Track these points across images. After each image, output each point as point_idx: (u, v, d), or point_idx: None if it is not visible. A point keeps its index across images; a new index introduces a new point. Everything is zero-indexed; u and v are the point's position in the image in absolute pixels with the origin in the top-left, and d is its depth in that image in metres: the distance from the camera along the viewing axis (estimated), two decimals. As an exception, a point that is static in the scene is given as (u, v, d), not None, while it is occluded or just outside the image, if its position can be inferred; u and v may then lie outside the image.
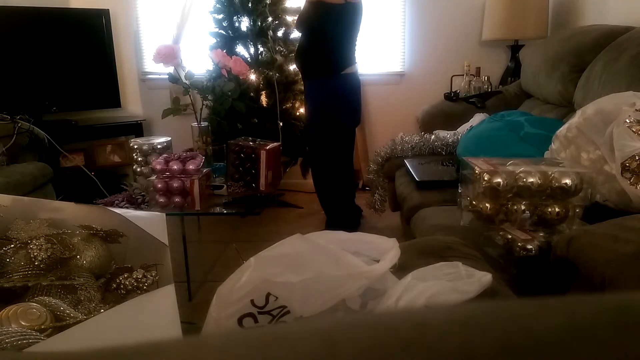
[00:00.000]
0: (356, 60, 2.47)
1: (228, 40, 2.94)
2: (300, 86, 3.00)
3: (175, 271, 0.75)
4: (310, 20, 2.35)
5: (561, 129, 1.40)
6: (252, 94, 2.91)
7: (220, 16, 2.93)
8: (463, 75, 3.11)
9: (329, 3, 2.25)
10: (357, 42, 2.47)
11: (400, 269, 0.70)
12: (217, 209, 1.77)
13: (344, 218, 2.61)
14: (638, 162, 1.11)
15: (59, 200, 1.90)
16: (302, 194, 3.26)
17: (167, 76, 2.22)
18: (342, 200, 2.61)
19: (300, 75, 2.70)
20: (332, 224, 2.63)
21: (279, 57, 2.92)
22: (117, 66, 3.31)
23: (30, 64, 3.06)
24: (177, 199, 1.68)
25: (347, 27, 2.37)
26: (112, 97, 3.30)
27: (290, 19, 2.99)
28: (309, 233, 0.69)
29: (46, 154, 2.67)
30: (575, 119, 1.36)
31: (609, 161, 1.19)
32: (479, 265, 0.81)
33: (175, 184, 1.67)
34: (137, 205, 1.72)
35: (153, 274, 0.72)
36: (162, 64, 2.03)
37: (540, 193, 1.13)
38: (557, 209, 1.12)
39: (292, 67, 2.99)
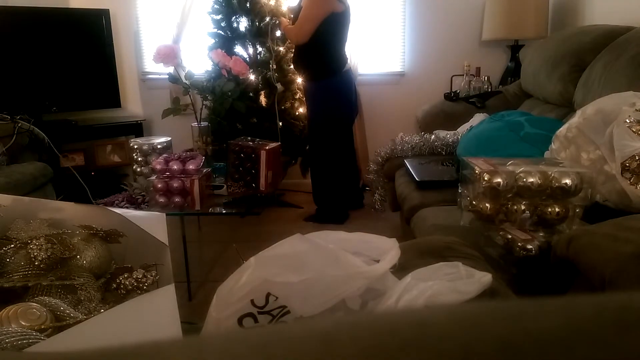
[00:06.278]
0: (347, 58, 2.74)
1: (226, 40, 2.93)
2: (300, 86, 3.01)
3: (175, 271, 0.75)
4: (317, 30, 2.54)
5: (561, 129, 1.40)
6: (251, 93, 2.91)
7: (219, 17, 2.93)
8: (463, 75, 3.11)
9: (336, 12, 2.49)
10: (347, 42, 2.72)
11: (400, 269, 0.70)
12: (217, 209, 1.78)
13: (333, 213, 2.77)
14: (638, 162, 1.11)
15: (59, 200, 1.90)
16: (302, 194, 3.26)
17: (167, 76, 2.22)
18: (335, 195, 2.77)
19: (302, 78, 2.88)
20: (319, 217, 2.79)
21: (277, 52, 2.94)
22: (117, 66, 3.30)
23: (30, 64, 3.06)
24: (177, 199, 1.68)
25: (345, 31, 2.63)
26: (112, 97, 3.30)
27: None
28: (309, 233, 0.69)
29: (46, 154, 2.67)
30: (575, 119, 1.36)
31: (609, 161, 1.19)
32: (479, 265, 0.81)
33: (175, 184, 1.67)
34: (137, 205, 1.72)
35: (153, 274, 0.72)
36: (162, 64, 2.03)
37: (540, 193, 1.13)
38: (557, 209, 1.12)
39: (292, 66, 2.99)
